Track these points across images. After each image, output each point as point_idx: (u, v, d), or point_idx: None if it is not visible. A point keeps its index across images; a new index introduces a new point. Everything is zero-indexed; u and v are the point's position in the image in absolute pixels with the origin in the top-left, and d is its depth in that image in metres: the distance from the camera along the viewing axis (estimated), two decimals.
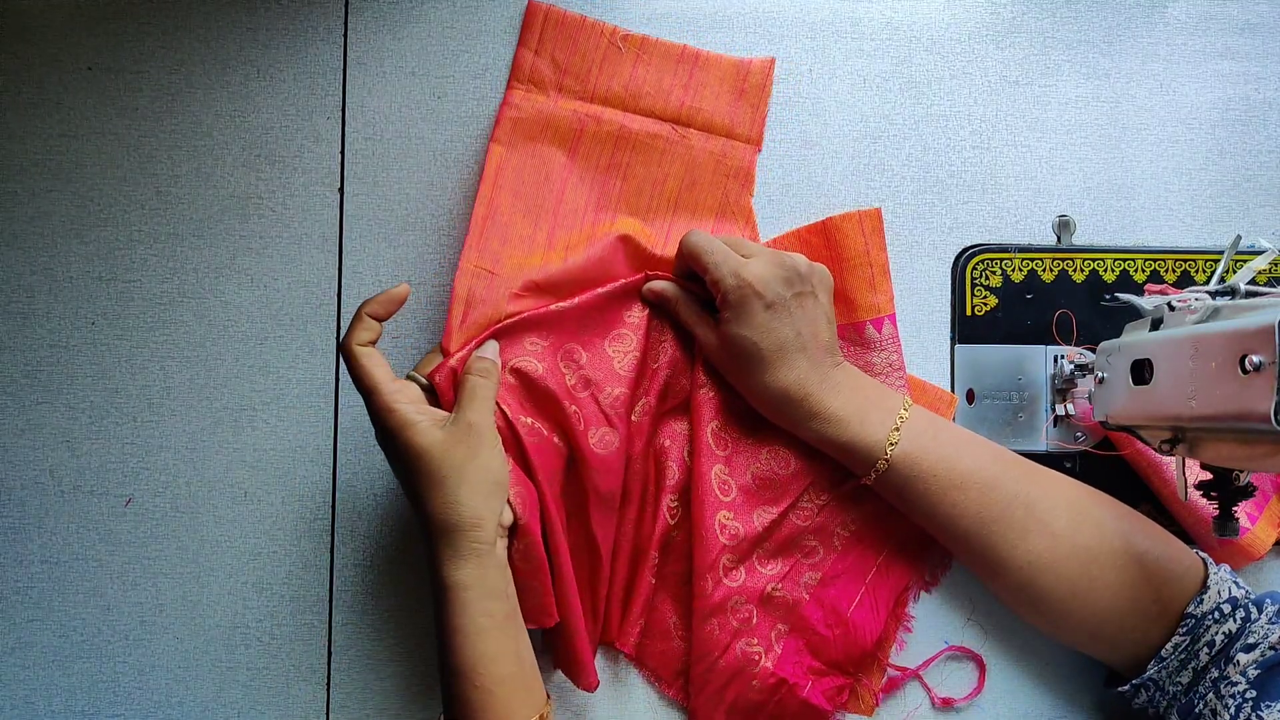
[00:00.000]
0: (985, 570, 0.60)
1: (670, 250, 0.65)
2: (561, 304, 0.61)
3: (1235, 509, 0.53)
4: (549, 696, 0.56)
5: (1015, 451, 0.65)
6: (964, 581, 0.65)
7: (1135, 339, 0.56)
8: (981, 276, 0.67)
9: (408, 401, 0.54)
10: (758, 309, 0.57)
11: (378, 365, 0.55)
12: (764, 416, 0.61)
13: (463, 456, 0.53)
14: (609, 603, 0.64)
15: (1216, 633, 0.55)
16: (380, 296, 0.56)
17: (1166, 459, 0.62)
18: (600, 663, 0.65)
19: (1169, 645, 0.56)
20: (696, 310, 0.61)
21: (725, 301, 0.58)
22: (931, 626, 0.65)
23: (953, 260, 0.67)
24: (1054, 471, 0.61)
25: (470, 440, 0.53)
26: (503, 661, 0.52)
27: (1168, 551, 0.58)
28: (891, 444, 0.58)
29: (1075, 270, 0.67)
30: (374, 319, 0.56)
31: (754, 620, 0.63)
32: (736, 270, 0.57)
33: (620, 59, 0.66)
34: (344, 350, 0.55)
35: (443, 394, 0.58)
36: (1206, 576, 0.57)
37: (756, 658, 0.62)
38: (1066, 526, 0.57)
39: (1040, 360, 0.66)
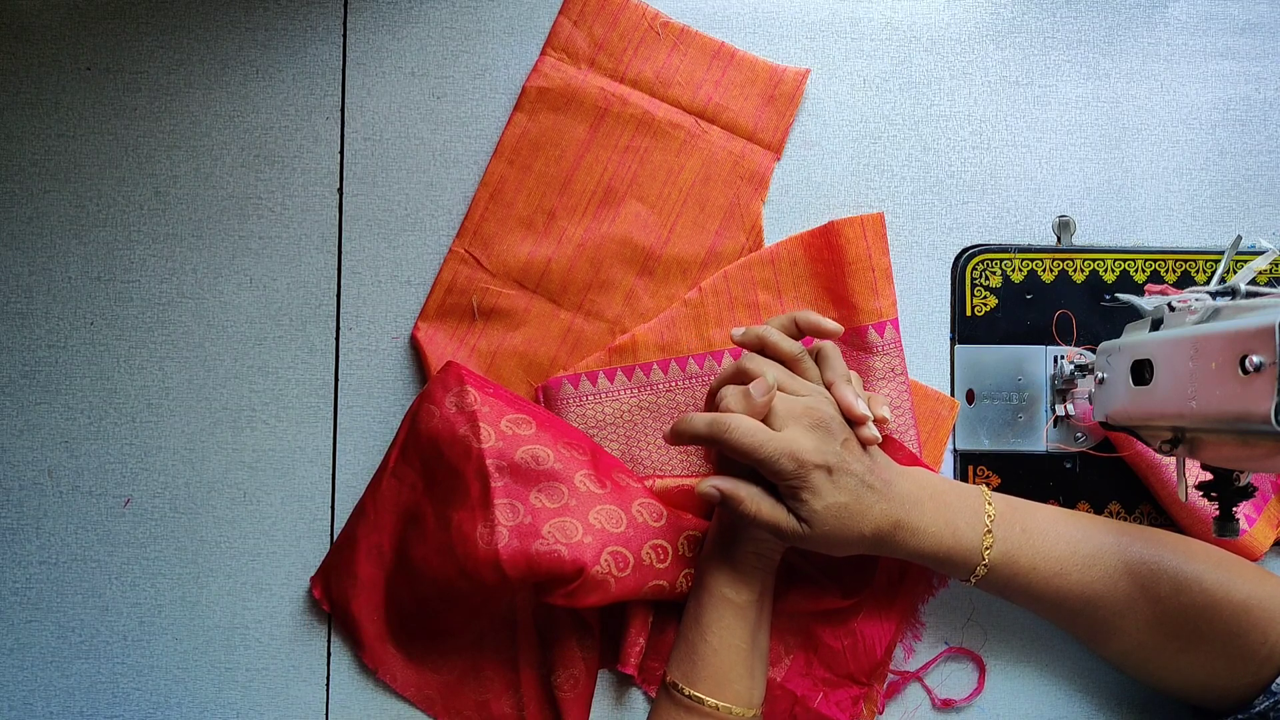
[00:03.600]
0: (1092, 641, 0.61)
1: (673, 243, 0.65)
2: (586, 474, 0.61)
3: (1235, 509, 0.53)
4: (761, 714, 0.59)
5: (1015, 453, 0.66)
6: None
7: (1135, 339, 0.56)
8: (981, 277, 0.67)
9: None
10: (822, 480, 0.54)
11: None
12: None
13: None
14: (603, 626, 0.64)
15: None
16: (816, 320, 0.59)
17: (1166, 459, 0.62)
18: (602, 685, 0.65)
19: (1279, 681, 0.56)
20: (773, 502, 0.56)
21: (792, 489, 0.54)
22: (932, 627, 0.65)
23: (953, 260, 0.67)
24: (1147, 530, 0.60)
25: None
26: (737, 634, 0.57)
27: (1271, 591, 0.57)
28: (987, 548, 0.57)
29: (1075, 270, 0.67)
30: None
31: None
32: (791, 452, 0.54)
33: (657, 44, 0.66)
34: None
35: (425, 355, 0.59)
36: None
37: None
38: (1169, 590, 0.57)
39: (1040, 361, 0.66)
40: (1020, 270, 0.67)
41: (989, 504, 0.58)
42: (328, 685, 0.65)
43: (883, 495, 0.55)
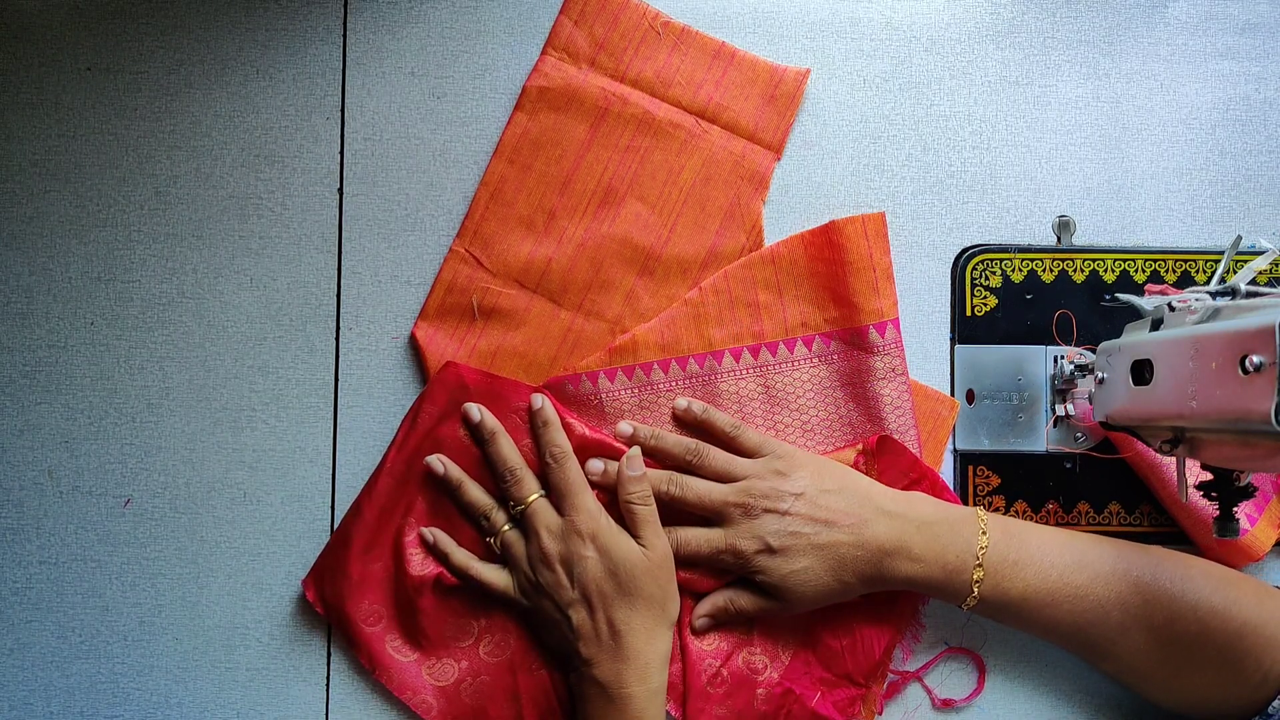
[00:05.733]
0: (1088, 660, 0.62)
1: (673, 243, 0.66)
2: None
3: (1235, 509, 0.53)
4: None
5: (1015, 453, 0.66)
6: None
7: (1135, 339, 0.56)
8: (981, 277, 0.67)
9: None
10: (766, 560, 0.59)
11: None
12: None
13: (669, 570, 0.61)
14: None
15: None
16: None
17: (1166, 459, 0.62)
18: None
19: (1276, 702, 0.56)
20: (748, 594, 0.61)
21: (747, 574, 0.60)
22: (931, 627, 0.65)
23: (953, 260, 0.67)
24: (1146, 552, 0.60)
25: (670, 560, 0.60)
26: None
27: (1269, 614, 0.57)
28: (977, 581, 0.58)
29: (1075, 270, 0.67)
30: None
31: (753, 632, 0.63)
32: (722, 548, 0.60)
33: (658, 44, 0.66)
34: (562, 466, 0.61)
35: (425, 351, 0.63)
36: None
37: (761, 668, 0.62)
38: (1164, 619, 0.57)
39: (1040, 361, 0.66)
40: (1020, 270, 0.67)
41: (982, 533, 0.58)
42: (328, 685, 0.65)
43: (853, 543, 0.58)
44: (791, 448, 0.63)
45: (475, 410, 0.62)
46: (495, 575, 0.62)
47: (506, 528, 0.62)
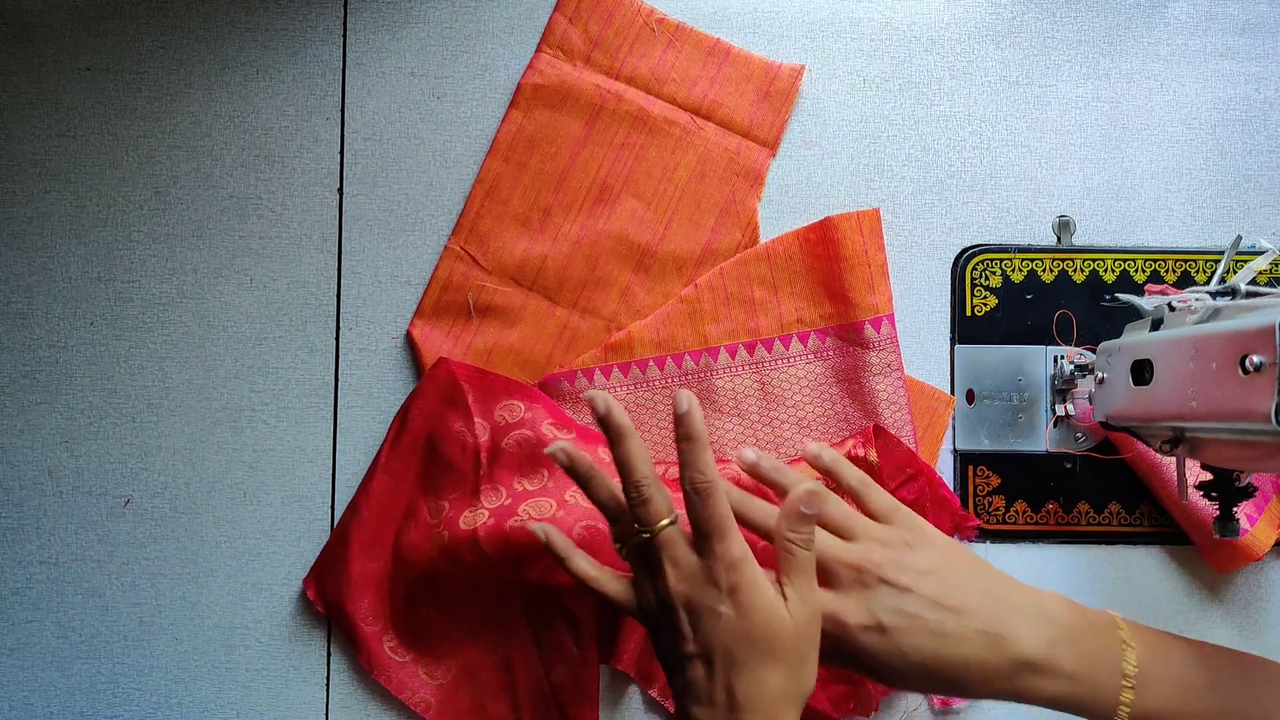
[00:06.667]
0: None
1: (669, 239, 0.66)
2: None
3: (1235, 509, 0.53)
4: None
5: (1016, 453, 0.65)
6: None
7: (1135, 339, 0.56)
8: (981, 276, 0.67)
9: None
10: (872, 639, 0.49)
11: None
12: None
13: (812, 637, 0.49)
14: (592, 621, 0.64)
15: None
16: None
17: (1166, 459, 0.62)
18: (601, 685, 0.65)
19: None
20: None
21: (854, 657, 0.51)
22: None
23: (953, 260, 0.67)
24: (1268, 675, 0.53)
25: (817, 622, 0.49)
26: None
27: None
28: (1125, 704, 0.50)
29: (1075, 270, 0.66)
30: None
31: None
32: (825, 616, 0.50)
33: (652, 41, 0.66)
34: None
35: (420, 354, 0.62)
36: None
37: None
38: None
39: (1040, 361, 0.66)
40: (1020, 270, 0.67)
41: (1129, 647, 0.51)
42: (328, 685, 0.65)
43: (986, 646, 0.49)
44: (925, 523, 0.54)
45: (601, 401, 0.48)
46: (616, 587, 0.52)
47: (635, 541, 0.50)
